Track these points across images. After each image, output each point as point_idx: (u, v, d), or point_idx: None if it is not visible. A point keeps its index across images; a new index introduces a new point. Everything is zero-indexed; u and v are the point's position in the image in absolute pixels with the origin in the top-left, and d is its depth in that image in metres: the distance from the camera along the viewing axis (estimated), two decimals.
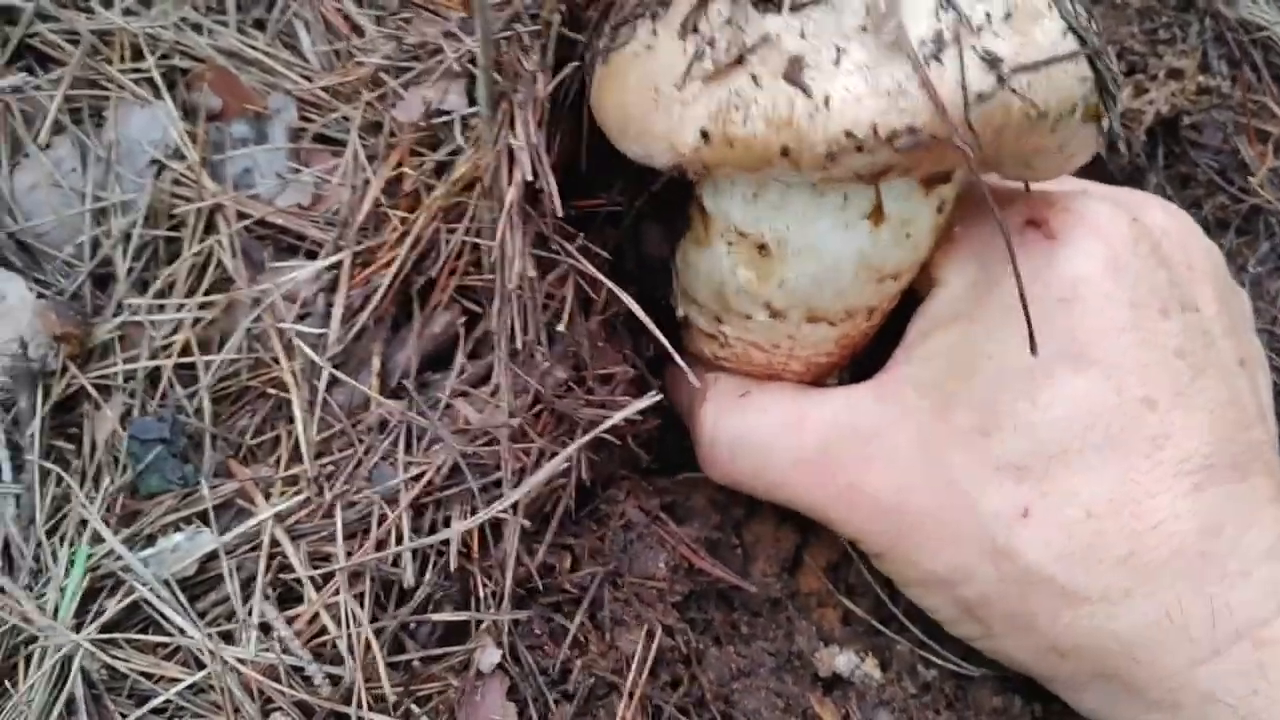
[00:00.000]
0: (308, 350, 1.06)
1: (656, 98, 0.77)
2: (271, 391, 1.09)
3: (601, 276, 0.95)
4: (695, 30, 0.76)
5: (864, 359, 1.02)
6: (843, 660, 1.03)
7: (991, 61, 0.72)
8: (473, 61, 1.03)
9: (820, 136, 0.71)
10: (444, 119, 1.10)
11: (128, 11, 1.25)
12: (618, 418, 0.94)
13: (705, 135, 0.75)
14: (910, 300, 0.98)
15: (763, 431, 0.98)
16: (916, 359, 0.92)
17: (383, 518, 0.97)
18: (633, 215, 1.06)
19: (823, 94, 0.71)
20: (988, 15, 0.73)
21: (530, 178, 0.87)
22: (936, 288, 0.93)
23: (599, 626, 1.00)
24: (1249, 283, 1.19)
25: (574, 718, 0.93)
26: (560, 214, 0.88)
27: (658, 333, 0.92)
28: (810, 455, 0.95)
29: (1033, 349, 0.77)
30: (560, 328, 0.94)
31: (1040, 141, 0.78)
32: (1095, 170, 1.23)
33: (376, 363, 1.08)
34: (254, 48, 1.26)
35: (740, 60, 0.73)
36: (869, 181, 0.79)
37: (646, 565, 1.02)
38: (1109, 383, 0.82)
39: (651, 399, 0.95)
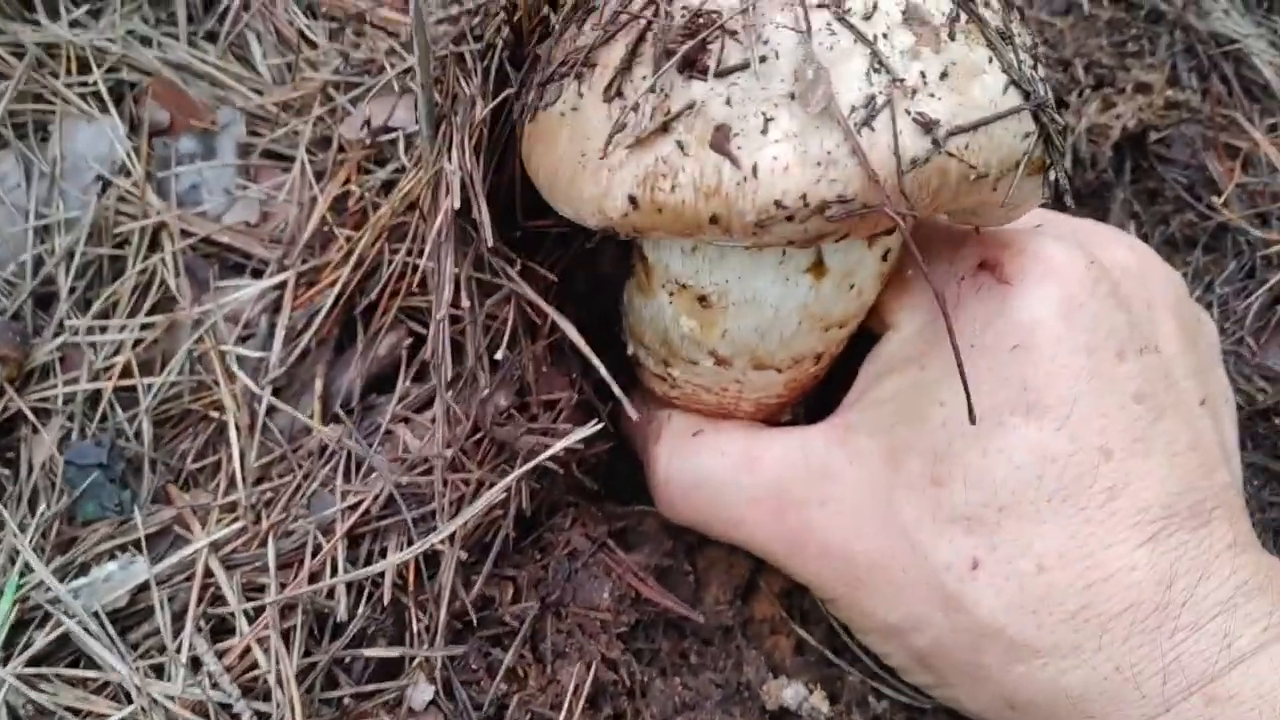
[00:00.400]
0: (246, 376, 1.03)
1: (583, 161, 0.74)
2: (214, 415, 1.07)
3: (542, 303, 0.92)
4: (620, 94, 0.74)
5: (816, 396, 1.00)
6: (790, 693, 1.01)
7: (926, 125, 0.69)
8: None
9: (749, 205, 0.69)
10: (389, 136, 1.07)
11: (75, 24, 1.23)
12: (558, 447, 0.92)
13: (633, 201, 0.72)
14: (864, 336, 0.96)
15: (716, 471, 0.96)
16: (868, 403, 0.90)
17: (317, 548, 0.95)
18: (585, 237, 1.03)
19: (750, 163, 0.68)
20: (923, 75, 0.70)
21: (457, 205, 0.84)
22: (889, 331, 0.91)
23: (540, 659, 0.97)
24: (1215, 303, 1.17)
25: None
26: (490, 242, 0.86)
27: (599, 365, 0.89)
28: (763, 495, 0.93)
29: (971, 418, 0.74)
30: (498, 355, 0.91)
31: (982, 198, 0.75)
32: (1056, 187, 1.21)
33: (319, 385, 1.06)
34: (204, 61, 1.24)
35: (665, 128, 0.71)
36: (803, 246, 0.77)
37: (590, 595, 1.00)
38: (1062, 432, 0.80)
39: (593, 428, 0.92)
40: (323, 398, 1.05)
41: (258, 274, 1.12)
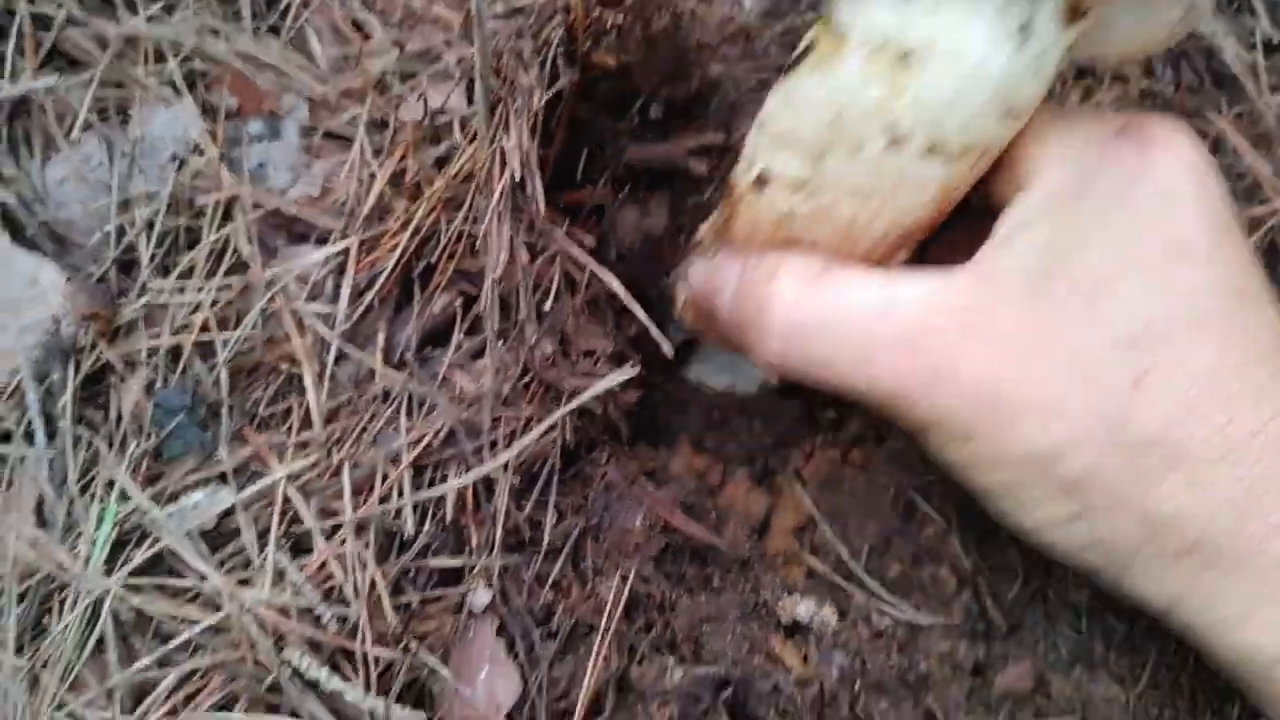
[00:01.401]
0: (319, 326, 1.16)
1: None
2: (284, 366, 1.19)
3: (586, 258, 1.05)
4: None
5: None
6: (803, 608, 1.13)
7: None
8: (473, 67, 1.14)
9: None
10: (444, 118, 1.20)
11: (151, 18, 1.36)
12: (600, 387, 1.05)
13: None
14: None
15: (851, 309, 0.96)
16: (1018, 246, 0.93)
17: (385, 476, 1.07)
18: (615, 204, 1.16)
19: None
20: None
21: (518, 176, 0.97)
22: (1033, 180, 0.94)
23: (581, 575, 1.10)
24: None
25: (556, 653, 1.02)
26: (543, 210, 0.99)
27: (637, 308, 1.02)
28: (900, 332, 0.94)
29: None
30: (546, 306, 1.04)
31: None
32: None
33: (381, 339, 1.18)
34: (268, 52, 1.36)
35: None
36: None
37: (624, 521, 1.12)
38: (1210, 270, 0.89)
39: (630, 371, 1.05)
40: (384, 349, 1.18)
41: (322, 242, 1.24)
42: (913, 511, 1.24)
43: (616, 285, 1.05)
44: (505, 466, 1.05)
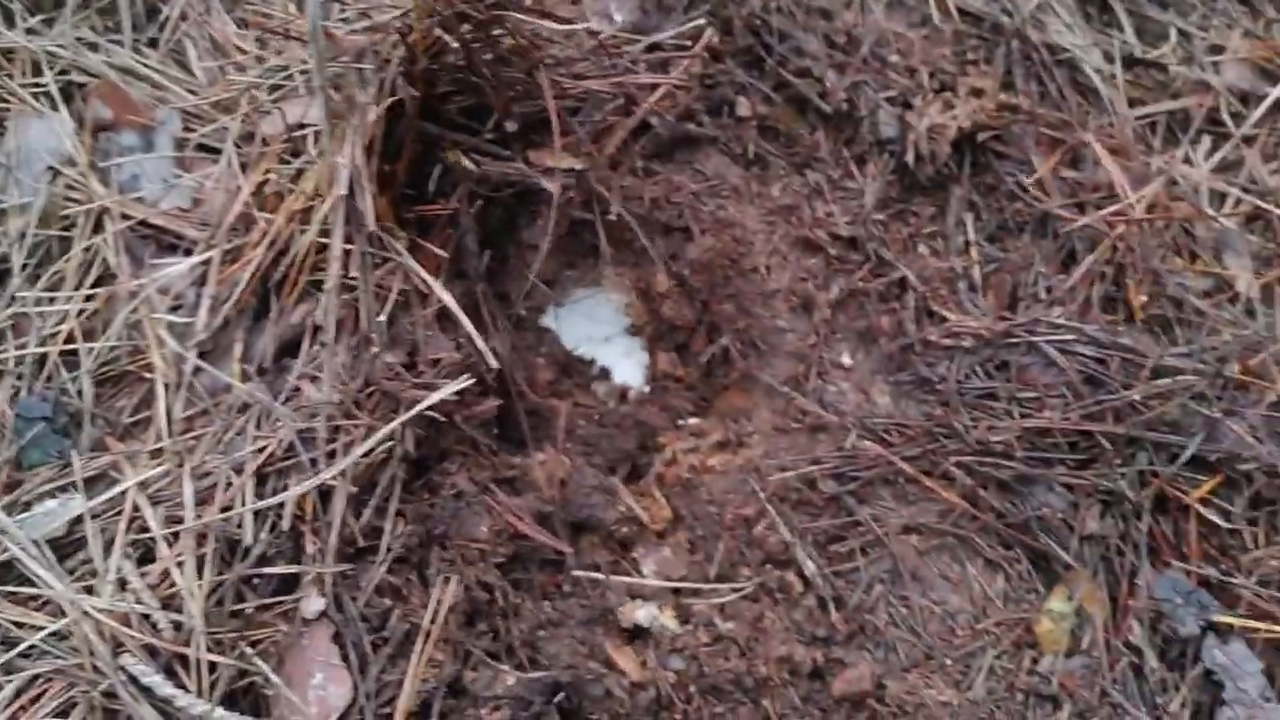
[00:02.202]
0: (178, 337, 1.19)
1: None
2: (147, 375, 1.22)
3: (424, 273, 1.08)
4: None
5: None
6: (644, 613, 1.16)
7: None
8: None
9: None
10: (302, 132, 1.23)
11: (30, 31, 1.38)
12: (434, 398, 1.07)
13: None
14: None
15: None
16: None
17: (229, 484, 1.09)
18: (463, 217, 1.19)
19: None
20: None
21: (344, 192, 1.00)
22: None
23: (424, 581, 1.12)
24: (1040, 281, 1.32)
25: (389, 659, 1.05)
26: (371, 225, 1.01)
27: (468, 325, 1.05)
28: None
29: None
30: (380, 318, 1.07)
31: None
32: (902, 181, 1.37)
33: (238, 349, 1.21)
34: (146, 64, 1.39)
35: None
36: None
37: (471, 529, 1.15)
38: None
39: (464, 382, 1.07)
40: (242, 360, 1.20)
41: (188, 253, 1.27)
42: (763, 517, 1.26)
43: (446, 298, 1.07)
44: (344, 475, 1.07)
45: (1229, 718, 1.13)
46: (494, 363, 1.07)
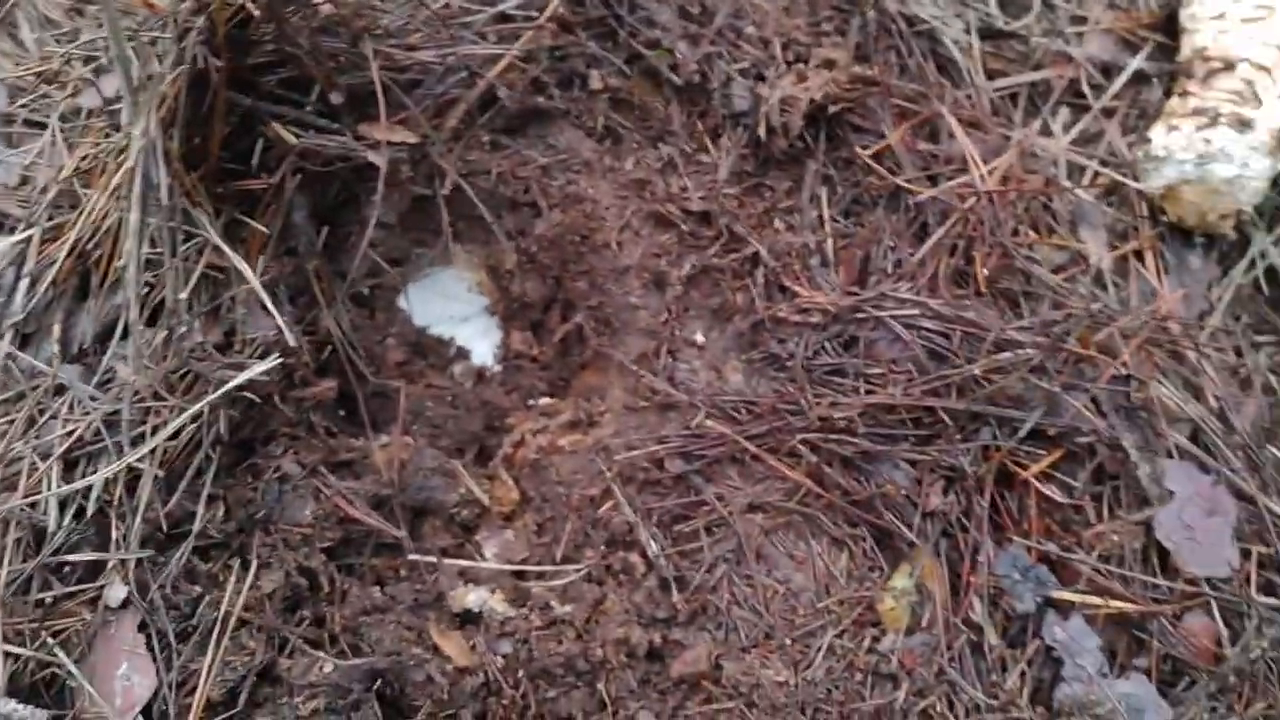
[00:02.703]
0: None
1: None
2: None
3: (227, 249, 1.04)
4: None
5: None
6: (474, 597, 1.14)
7: None
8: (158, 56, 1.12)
9: None
10: (118, 106, 1.18)
11: None
12: (242, 378, 1.04)
13: None
14: None
15: None
16: None
17: (33, 470, 1.05)
18: (287, 192, 1.15)
19: None
20: None
21: (134, 165, 0.96)
22: None
23: (245, 567, 1.09)
24: (892, 259, 1.30)
25: (197, 646, 1.02)
26: (165, 199, 0.97)
27: (270, 303, 1.01)
28: None
29: None
30: (182, 295, 1.03)
31: None
32: (757, 155, 1.34)
33: (58, 330, 1.17)
34: None
35: None
36: None
37: (295, 514, 1.11)
38: None
39: (270, 363, 1.04)
40: (61, 341, 1.16)
41: (12, 231, 1.22)
42: (609, 497, 1.24)
43: (248, 273, 1.04)
44: (151, 458, 1.04)
45: (1066, 694, 1.12)
46: (293, 341, 1.03)
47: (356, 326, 1.30)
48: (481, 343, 1.43)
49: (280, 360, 1.05)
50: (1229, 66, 1.30)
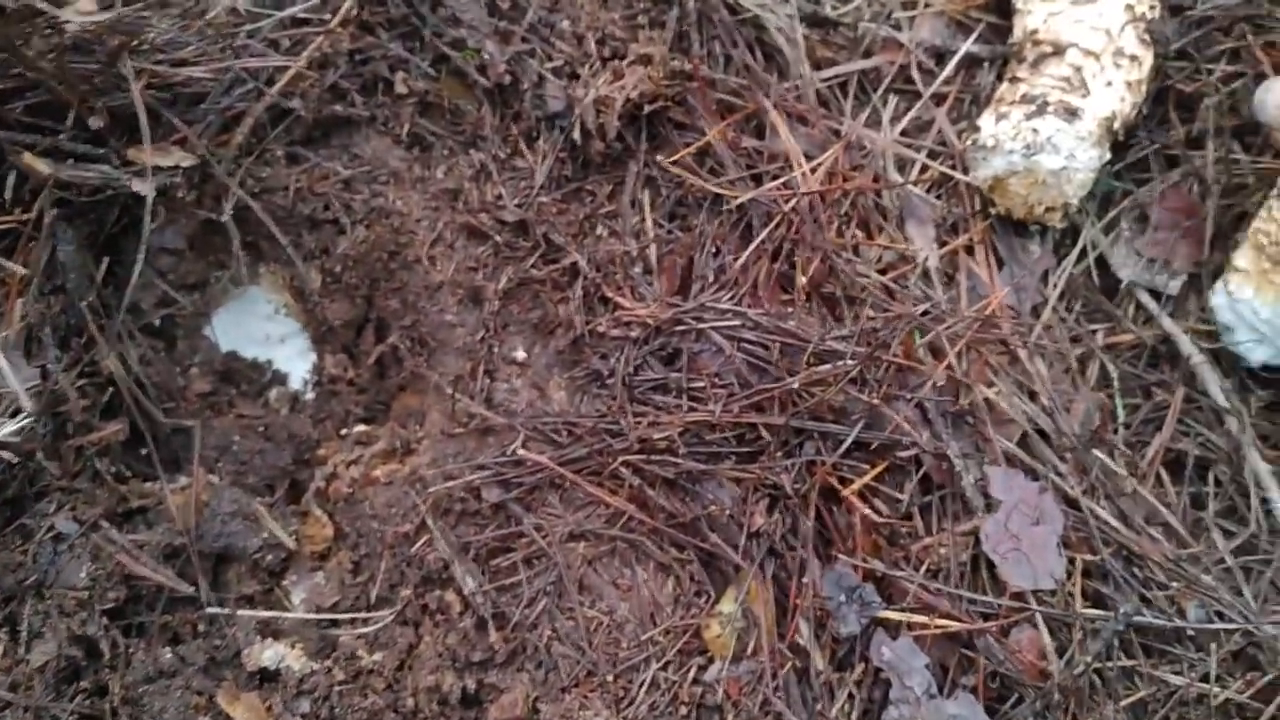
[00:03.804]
0: None
1: None
2: None
3: None
4: None
5: None
6: (270, 654, 1.07)
7: None
8: None
9: None
10: None
11: None
12: None
13: None
14: None
15: None
16: None
17: None
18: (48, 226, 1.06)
19: None
20: None
21: None
22: None
23: (15, 639, 1.01)
24: (713, 266, 1.24)
25: None
26: None
27: (8, 369, 0.92)
28: None
29: None
30: None
31: None
32: (575, 158, 1.27)
33: None
34: None
35: None
36: None
37: (71, 576, 1.03)
38: None
39: (16, 423, 0.95)
40: None
41: None
42: (424, 532, 1.17)
43: None
44: None
45: (894, 717, 1.08)
46: (28, 404, 0.95)
47: (149, 361, 1.22)
48: (300, 364, 1.35)
49: (27, 421, 0.96)
50: (1058, 51, 1.25)
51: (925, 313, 1.22)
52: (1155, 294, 1.30)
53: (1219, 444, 1.23)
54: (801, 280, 1.18)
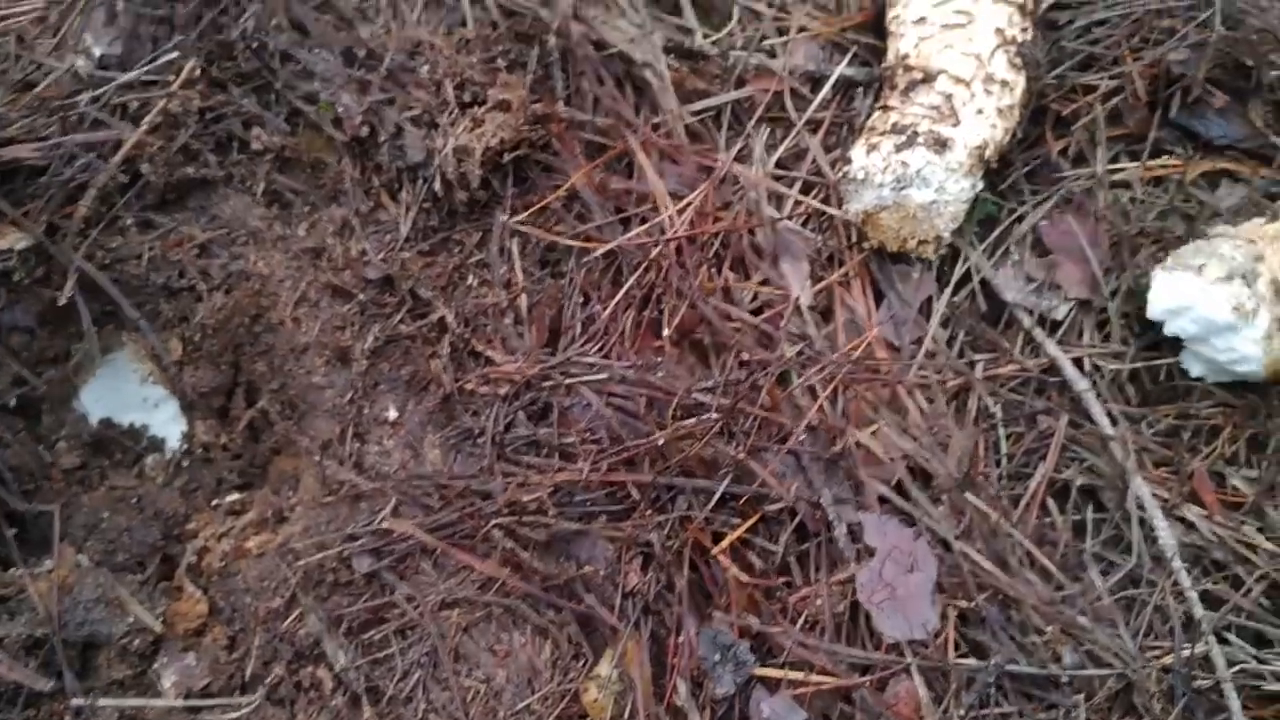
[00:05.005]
0: None
1: None
2: None
3: None
4: None
5: None
6: None
7: None
8: None
9: None
10: None
11: None
12: None
13: None
14: None
15: None
16: None
17: None
18: None
19: None
20: None
21: None
22: None
23: None
24: (582, 316, 1.21)
25: None
26: None
27: None
28: None
29: None
30: None
31: None
32: (440, 208, 1.24)
33: None
34: None
35: None
36: None
37: None
38: None
39: None
40: None
41: None
42: (295, 605, 1.15)
43: None
44: None
45: None
46: None
47: (7, 443, 1.18)
48: (175, 428, 1.32)
49: None
50: (929, 79, 1.22)
51: (801, 352, 1.19)
52: (1042, 320, 1.27)
53: (1105, 470, 1.21)
54: (667, 331, 1.15)
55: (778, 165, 1.31)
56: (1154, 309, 1.18)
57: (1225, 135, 1.29)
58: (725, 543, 1.09)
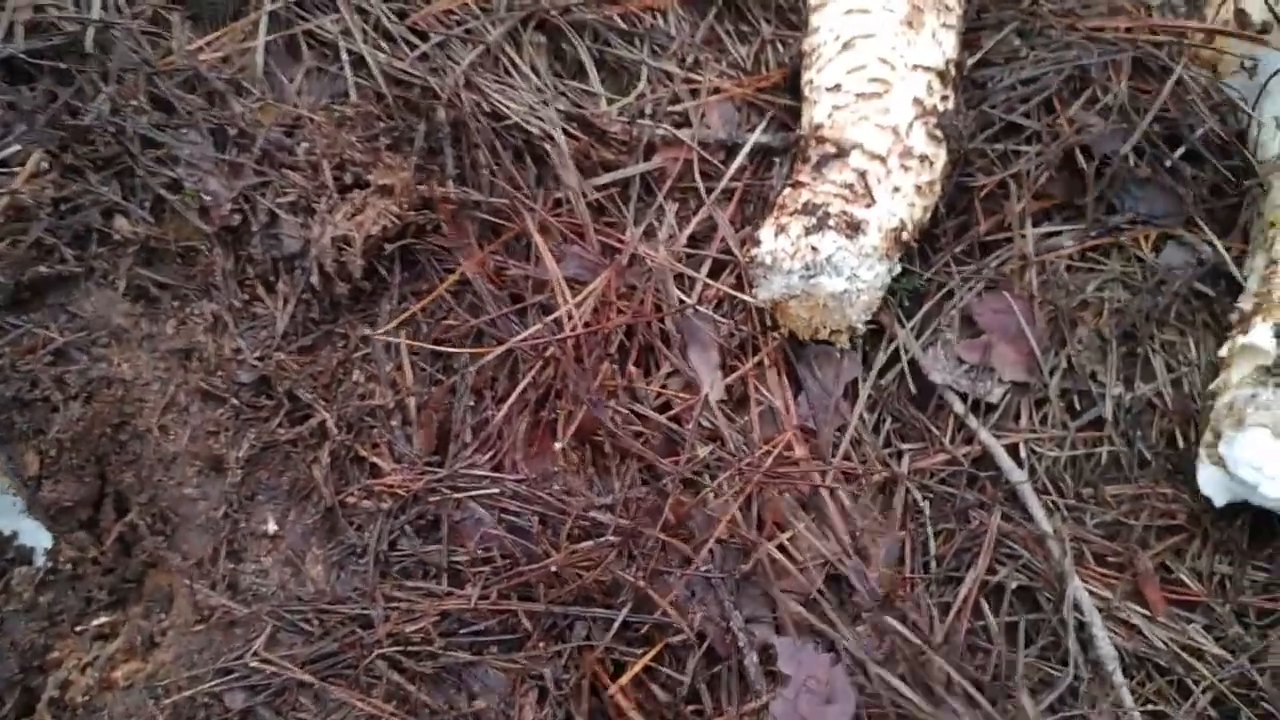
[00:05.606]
0: None
1: None
2: None
3: None
4: None
5: None
6: None
7: None
8: None
9: None
10: None
11: None
12: None
13: None
14: None
15: None
16: None
17: None
18: None
19: None
20: None
21: None
22: None
23: None
24: (474, 420, 1.12)
25: None
26: None
27: None
28: None
29: None
30: None
31: None
32: (321, 299, 1.14)
33: None
34: None
35: None
36: None
37: None
38: None
39: None
40: None
41: None
42: None
43: None
44: None
45: None
46: None
47: None
48: (45, 537, 1.21)
49: None
50: (842, 153, 1.13)
51: (712, 452, 1.10)
52: (976, 404, 1.19)
53: (1041, 568, 1.13)
54: (563, 438, 1.06)
55: (690, 241, 1.21)
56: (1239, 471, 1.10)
57: (1150, 212, 1.21)
58: (625, 678, 1.00)
